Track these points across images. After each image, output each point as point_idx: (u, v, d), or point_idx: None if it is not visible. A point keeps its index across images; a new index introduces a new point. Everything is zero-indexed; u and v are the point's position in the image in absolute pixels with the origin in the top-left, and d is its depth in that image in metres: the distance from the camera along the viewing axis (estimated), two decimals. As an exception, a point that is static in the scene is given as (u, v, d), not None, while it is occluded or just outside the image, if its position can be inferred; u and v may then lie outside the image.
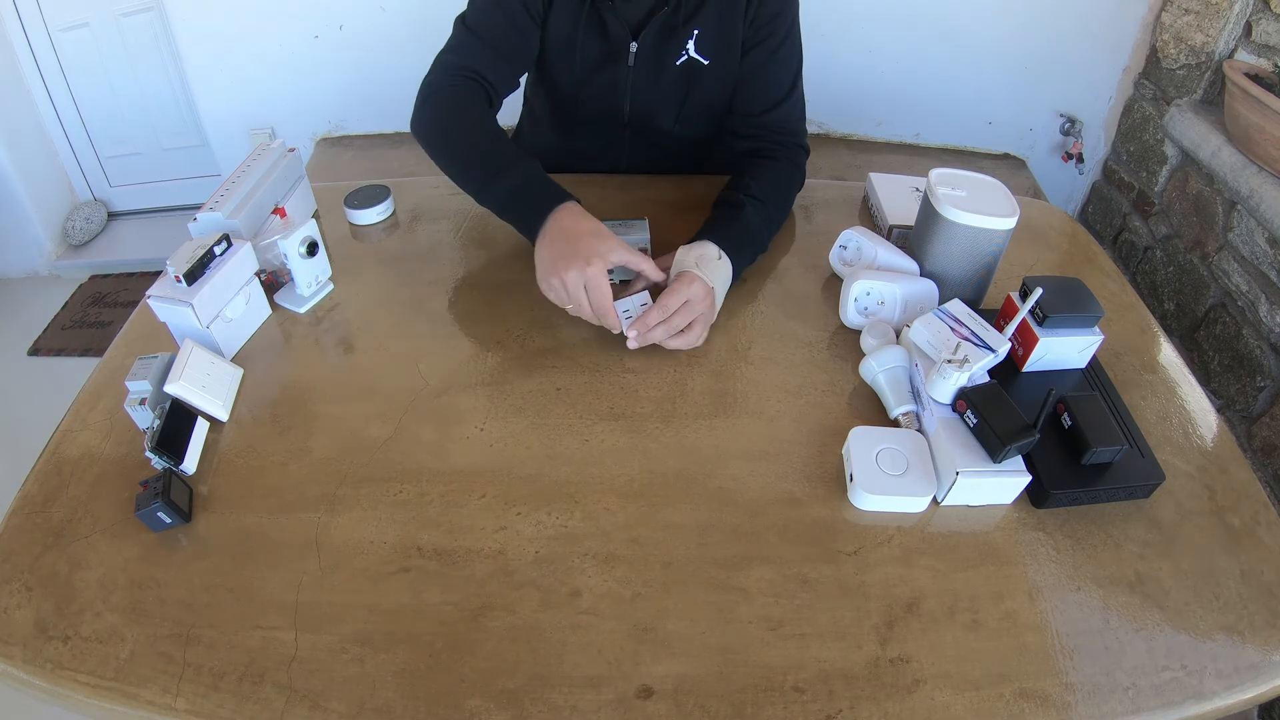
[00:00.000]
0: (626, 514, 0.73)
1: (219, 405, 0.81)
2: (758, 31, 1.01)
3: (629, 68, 1.05)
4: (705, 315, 0.88)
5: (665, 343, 0.87)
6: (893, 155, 2.14)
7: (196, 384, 0.79)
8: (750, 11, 0.99)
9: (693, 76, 1.05)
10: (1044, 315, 0.82)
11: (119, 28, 2.23)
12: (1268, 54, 1.53)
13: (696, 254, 0.90)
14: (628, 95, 1.09)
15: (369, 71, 2.14)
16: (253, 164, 1.02)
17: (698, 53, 1.02)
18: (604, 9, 1.00)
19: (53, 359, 2.12)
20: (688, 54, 1.02)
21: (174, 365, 0.79)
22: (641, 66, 1.05)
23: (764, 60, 1.03)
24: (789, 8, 1.02)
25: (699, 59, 1.03)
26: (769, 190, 1.03)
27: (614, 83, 1.08)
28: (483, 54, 1.02)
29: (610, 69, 1.06)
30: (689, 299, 0.86)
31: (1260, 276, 1.46)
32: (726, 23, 1.00)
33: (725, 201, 1.01)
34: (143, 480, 0.72)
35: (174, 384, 0.78)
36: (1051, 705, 0.61)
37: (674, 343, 0.87)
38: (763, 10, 1.00)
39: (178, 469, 0.74)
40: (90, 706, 0.61)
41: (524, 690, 0.61)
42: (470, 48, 1.03)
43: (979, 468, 0.72)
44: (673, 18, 1.00)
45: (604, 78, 1.07)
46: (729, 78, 1.05)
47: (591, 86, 1.08)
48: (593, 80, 1.07)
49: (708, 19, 1.00)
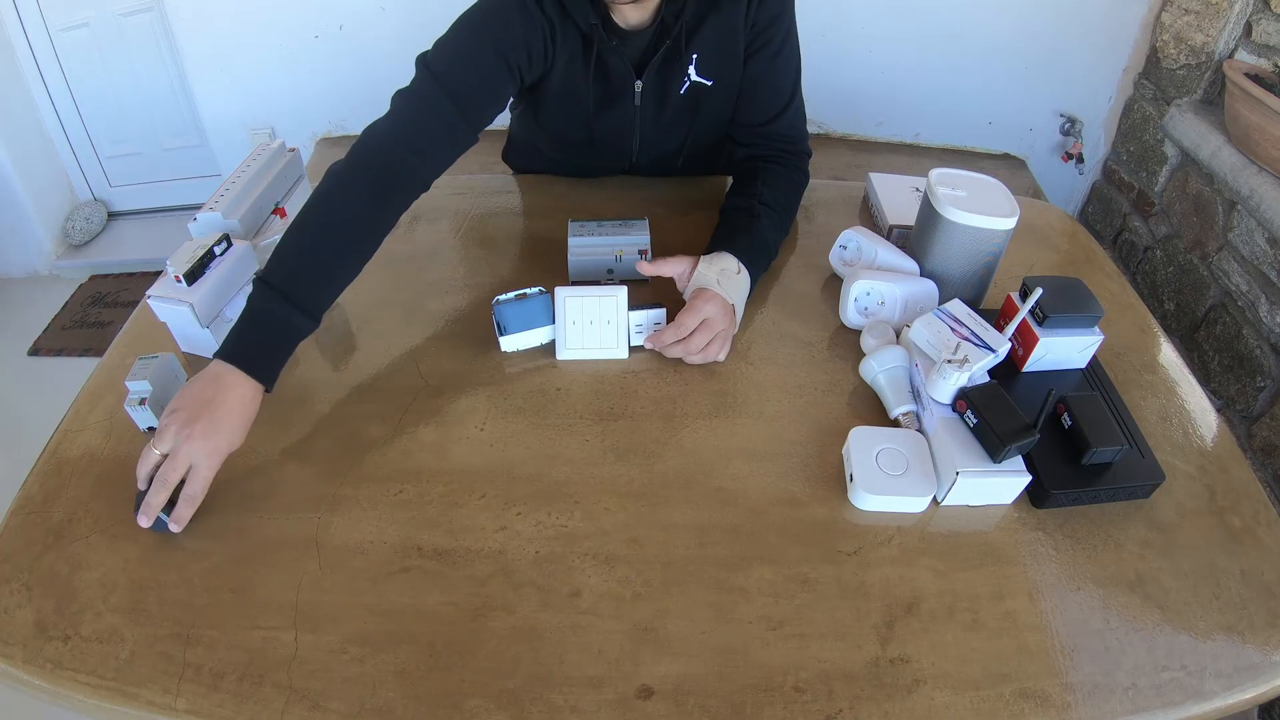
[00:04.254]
0: (626, 514, 0.73)
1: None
2: (758, 36, 0.99)
3: (635, 106, 1.02)
4: (725, 331, 0.87)
5: (686, 358, 0.87)
6: (893, 155, 2.14)
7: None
8: (750, 15, 0.98)
9: (698, 101, 1.02)
10: (1044, 315, 0.82)
11: (119, 28, 2.23)
12: (1268, 54, 1.53)
13: (717, 269, 0.90)
14: (636, 132, 1.07)
15: (369, 71, 2.14)
16: (253, 164, 1.02)
17: (700, 76, 0.99)
18: (605, 52, 0.96)
19: (53, 359, 2.12)
20: (690, 79, 1.00)
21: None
22: (648, 102, 1.02)
23: (765, 68, 1.01)
24: (786, 9, 1.00)
25: (703, 82, 1.00)
26: (780, 198, 1.02)
27: (623, 122, 1.05)
28: (439, 119, 0.90)
29: (618, 109, 1.03)
30: (707, 317, 0.85)
31: (1260, 276, 1.46)
32: (725, 37, 0.98)
33: (739, 208, 0.99)
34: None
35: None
36: (1051, 705, 0.61)
37: (695, 358, 0.87)
38: (762, 13, 0.97)
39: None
40: (90, 706, 0.61)
41: (524, 690, 0.61)
42: (429, 109, 0.90)
43: (979, 468, 0.72)
44: (674, 46, 0.97)
45: (613, 118, 1.04)
46: (732, 92, 1.03)
47: (600, 128, 1.05)
48: (601, 122, 1.04)
49: (706, 39, 0.97)
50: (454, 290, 1.00)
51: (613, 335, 0.89)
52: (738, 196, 1.02)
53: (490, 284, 1.01)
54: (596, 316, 0.88)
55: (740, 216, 0.98)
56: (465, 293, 1.00)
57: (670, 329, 0.86)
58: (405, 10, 2.04)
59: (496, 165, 1.33)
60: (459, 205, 1.16)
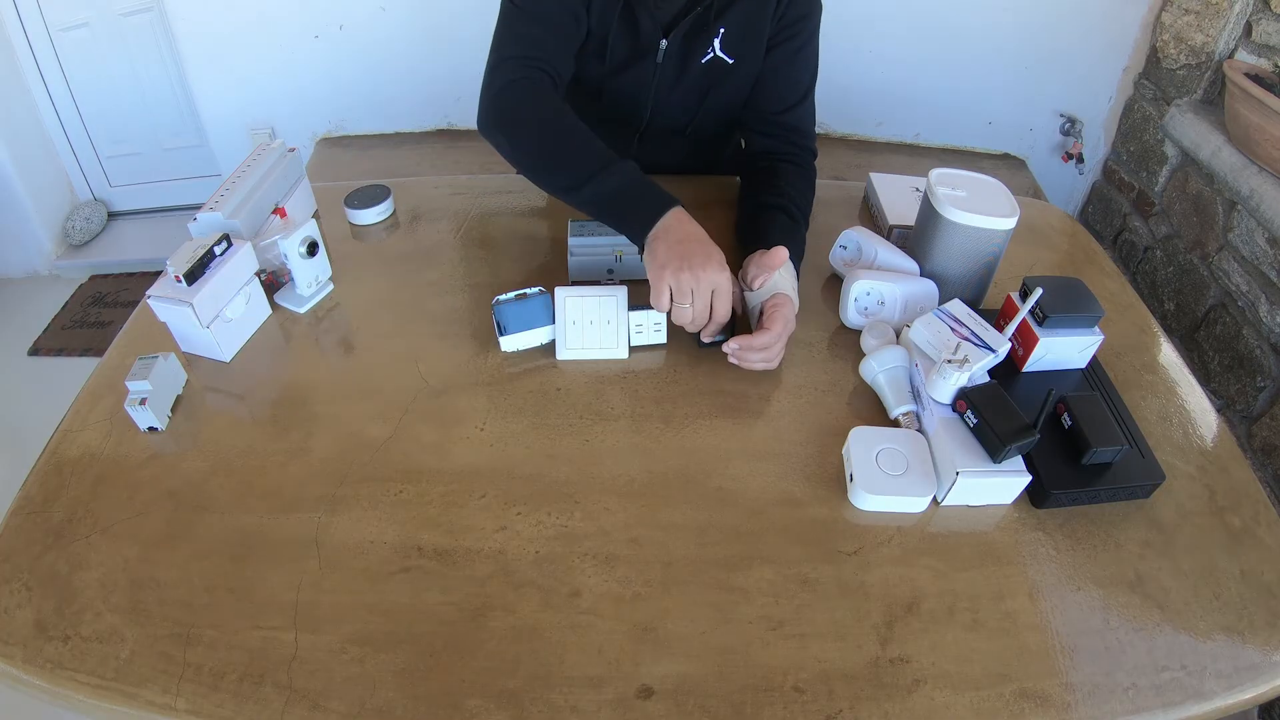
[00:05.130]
0: (626, 514, 0.73)
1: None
2: (784, 30, 1.02)
3: (656, 65, 1.05)
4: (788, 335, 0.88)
5: (743, 362, 0.86)
6: (893, 155, 2.14)
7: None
8: (780, 9, 1.01)
9: (715, 76, 1.05)
10: (1044, 315, 0.82)
11: (119, 28, 2.23)
12: (1268, 54, 1.53)
13: (791, 279, 0.90)
14: (651, 94, 1.08)
15: (369, 71, 2.14)
16: (253, 164, 1.02)
17: (723, 51, 1.02)
18: (638, 6, 0.99)
19: (53, 359, 2.12)
20: (714, 52, 1.02)
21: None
22: (668, 65, 1.05)
23: (787, 59, 1.04)
24: (815, 12, 1.03)
25: (724, 58, 1.03)
26: (806, 206, 1.05)
27: (640, 81, 1.07)
28: (544, 39, 0.97)
29: (638, 67, 1.05)
30: (791, 323, 0.86)
31: (1260, 276, 1.46)
32: (754, 20, 1.00)
33: (778, 208, 1.00)
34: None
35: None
36: (1051, 705, 0.61)
37: (758, 366, 0.86)
38: (791, 9, 1.01)
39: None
40: (90, 706, 0.61)
41: (524, 690, 0.61)
42: (531, 34, 0.97)
43: (979, 468, 0.72)
44: (704, 15, 1.00)
45: (631, 76, 1.06)
46: (750, 77, 1.06)
47: (616, 83, 1.07)
48: (619, 78, 1.06)
49: (735, 17, 1.00)
50: (454, 290, 1.00)
51: (613, 335, 0.89)
52: (769, 195, 1.02)
53: (490, 284, 1.01)
54: (596, 316, 0.88)
55: (783, 219, 0.99)
56: (465, 293, 1.00)
57: (767, 335, 0.83)
58: (405, 10, 2.04)
59: (497, 165, 1.33)
60: (459, 205, 1.16)
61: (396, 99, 2.21)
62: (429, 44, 2.06)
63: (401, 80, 2.16)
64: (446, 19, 2.01)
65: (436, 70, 2.11)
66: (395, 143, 2.23)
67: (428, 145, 2.21)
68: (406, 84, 2.17)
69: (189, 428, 0.82)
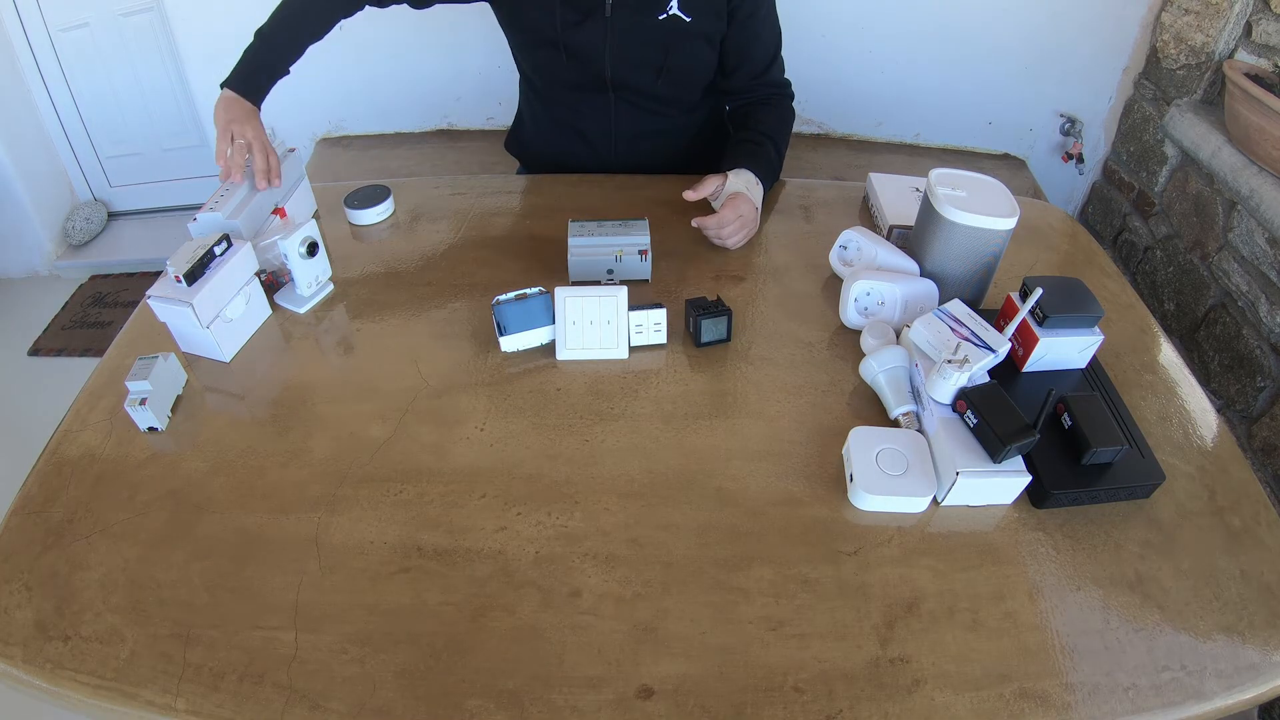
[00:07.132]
0: (626, 514, 0.73)
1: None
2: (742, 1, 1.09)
3: (606, 19, 1.09)
4: (750, 227, 1.08)
5: (712, 237, 1.06)
6: (893, 155, 2.14)
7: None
8: None
9: (674, 33, 1.10)
10: (1044, 315, 0.82)
11: (119, 28, 2.23)
12: (1268, 54, 1.53)
13: (744, 180, 1.09)
14: (607, 49, 1.12)
15: (369, 71, 2.14)
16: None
17: (680, 9, 1.08)
18: None
19: (53, 359, 2.12)
20: (670, 10, 1.08)
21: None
22: (619, 19, 1.09)
23: (752, 31, 1.13)
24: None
25: (681, 15, 1.08)
26: (777, 128, 1.19)
27: (594, 35, 1.11)
28: None
29: (590, 22, 1.09)
30: (743, 214, 1.05)
31: (1260, 276, 1.46)
32: None
33: (746, 140, 1.16)
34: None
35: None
36: (1051, 705, 0.61)
37: (728, 242, 1.06)
38: None
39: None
40: (90, 706, 0.61)
41: (524, 690, 0.61)
42: None
43: (979, 468, 0.72)
44: None
45: (585, 32, 1.10)
46: (709, 39, 1.13)
47: (573, 39, 1.11)
48: (574, 33, 1.11)
49: None
50: (454, 290, 1.00)
51: (613, 335, 0.89)
52: (741, 130, 1.19)
53: (490, 284, 1.01)
54: (596, 317, 0.88)
55: (749, 145, 1.16)
56: (465, 293, 1.00)
57: (714, 219, 1.03)
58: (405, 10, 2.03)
59: (497, 165, 1.33)
60: (459, 205, 1.16)
61: (396, 99, 2.20)
62: (429, 44, 2.06)
63: (401, 80, 2.16)
64: (447, 18, 2.01)
65: (436, 70, 2.11)
66: (395, 143, 2.23)
67: (427, 145, 2.21)
68: (406, 84, 2.17)
69: (189, 428, 0.82)
